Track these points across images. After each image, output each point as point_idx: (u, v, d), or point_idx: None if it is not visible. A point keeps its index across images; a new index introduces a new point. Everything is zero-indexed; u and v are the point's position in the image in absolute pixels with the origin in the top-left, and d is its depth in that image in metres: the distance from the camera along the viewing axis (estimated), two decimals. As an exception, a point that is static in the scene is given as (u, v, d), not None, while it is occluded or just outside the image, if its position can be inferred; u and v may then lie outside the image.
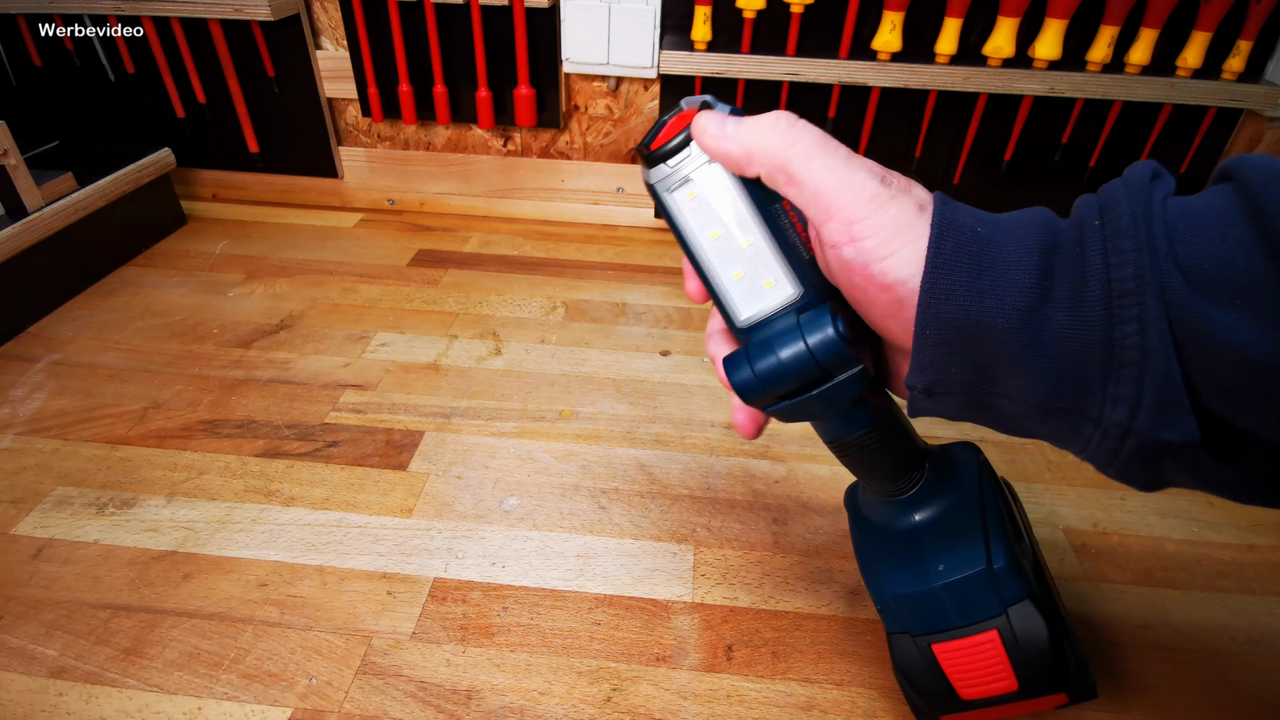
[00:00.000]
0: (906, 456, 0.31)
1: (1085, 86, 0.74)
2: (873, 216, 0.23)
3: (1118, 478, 0.23)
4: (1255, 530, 0.50)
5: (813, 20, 0.76)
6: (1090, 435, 0.22)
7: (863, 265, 0.24)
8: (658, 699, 0.39)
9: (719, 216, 0.26)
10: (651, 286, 0.77)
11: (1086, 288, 0.21)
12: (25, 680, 0.38)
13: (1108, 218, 0.22)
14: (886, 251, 0.23)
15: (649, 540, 0.48)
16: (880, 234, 0.23)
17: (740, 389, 0.27)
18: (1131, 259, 0.20)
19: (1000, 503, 0.32)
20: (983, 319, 0.22)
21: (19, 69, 0.86)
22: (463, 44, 0.81)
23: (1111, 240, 0.21)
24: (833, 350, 0.25)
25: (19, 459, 0.52)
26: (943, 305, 0.22)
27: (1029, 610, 0.29)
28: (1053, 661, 0.29)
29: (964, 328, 0.22)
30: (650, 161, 0.26)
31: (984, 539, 0.30)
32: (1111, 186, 0.23)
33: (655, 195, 0.27)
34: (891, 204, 0.23)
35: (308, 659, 0.40)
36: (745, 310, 0.27)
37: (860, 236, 0.23)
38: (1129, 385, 0.21)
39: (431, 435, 0.56)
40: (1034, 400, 0.23)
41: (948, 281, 0.22)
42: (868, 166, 0.24)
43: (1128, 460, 0.22)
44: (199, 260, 0.80)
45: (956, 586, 0.29)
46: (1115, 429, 0.22)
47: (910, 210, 0.23)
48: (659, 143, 0.26)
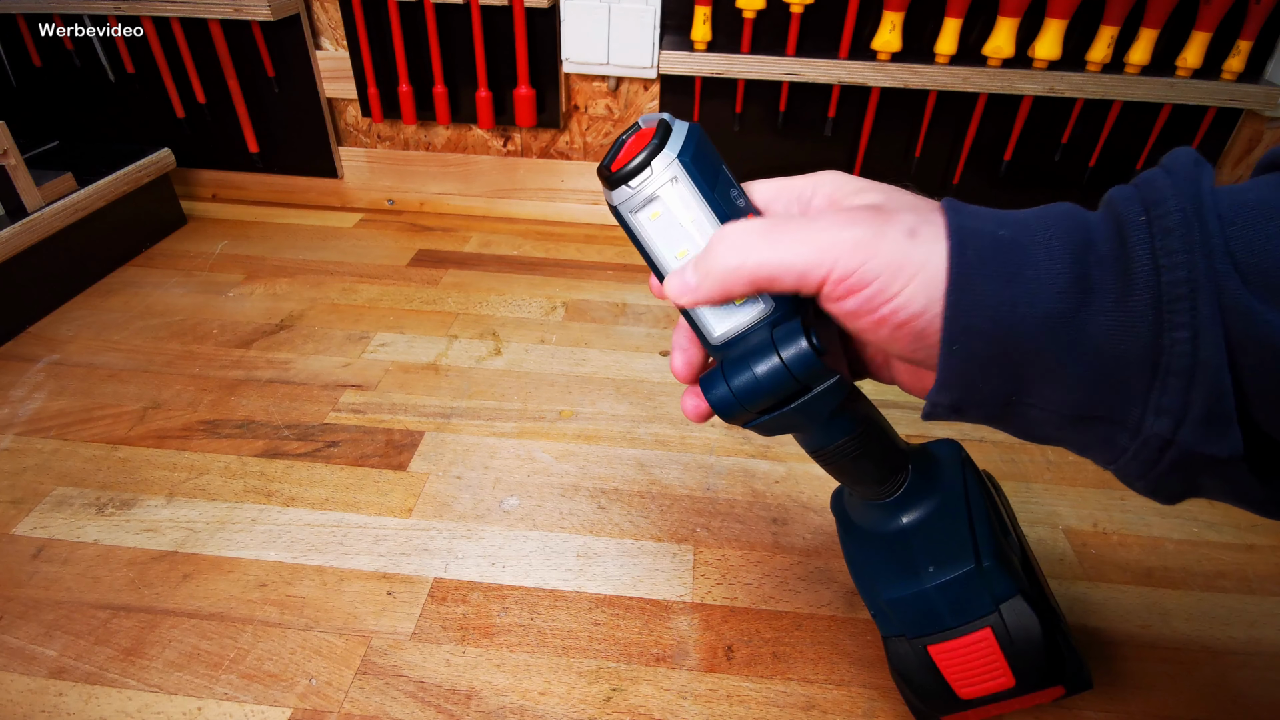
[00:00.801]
0: (889, 460, 0.31)
1: (1085, 86, 0.74)
2: (864, 265, 0.22)
3: (1146, 490, 0.22)
4: (1255, 530, 0.50)
5: (813, 20, 0.76)
6: (1126, 446, 0.21)
7: (870, 312, 0.22)
8: (658, 699, 0.39)
9: (685, 234, 0.26)
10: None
11: (1132, 291, 0.19)
12: (25, 680, 0.38)
13: (1154, 214, 0.20)
14: (891, 293, 0.22)
15: (649, 540, 0.48)
16: (878, 280, 0.22)
17: (718, 407, 0.27)
18: (1183, 260, 0.19)
19: (985, 499, 0.32)
20: (1014, 329, 0.20)
21: (19, 69, 0.86)
22: (463, 44, 0.81)
23: (1160, 239, 0.19)
24: (808, 364, 0.25)
25: (19, 459, 0.52)
26: (970, 319, 0.21)
27: (1020, 605, 0.29)
28: (1048, 655, 0.29)
29: (994, 340, 0.21)
30: (612, 183, 0.26)
31: (971, 537, 0.30)
32: (1153, 177, 0.21)
33: (619, 217, 0.26)
34: (880, 243, 0.22)
35: (308, 659, 0.40)
36: (718, 328, 0.27)
37: (858, 287, 0.22)
38: (1175, 396, 0.19)
39: (431, 435, 0.56)
40: (1067, 409, 0.21)
41: (973, 295, 0.21)
42: (837, 218, 0.23)
43: (1164, 474, 0.21)
44: (199, 260, 0.80)
45: (947, 587, 0.30)
46: (1155, 440, 0.20)
47: (901, 242, 0.22)
48: (619, 164, 0.26)
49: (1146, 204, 0.20)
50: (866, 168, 0.85)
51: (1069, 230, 0.21)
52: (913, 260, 0.22)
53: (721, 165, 0.26)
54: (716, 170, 0.26)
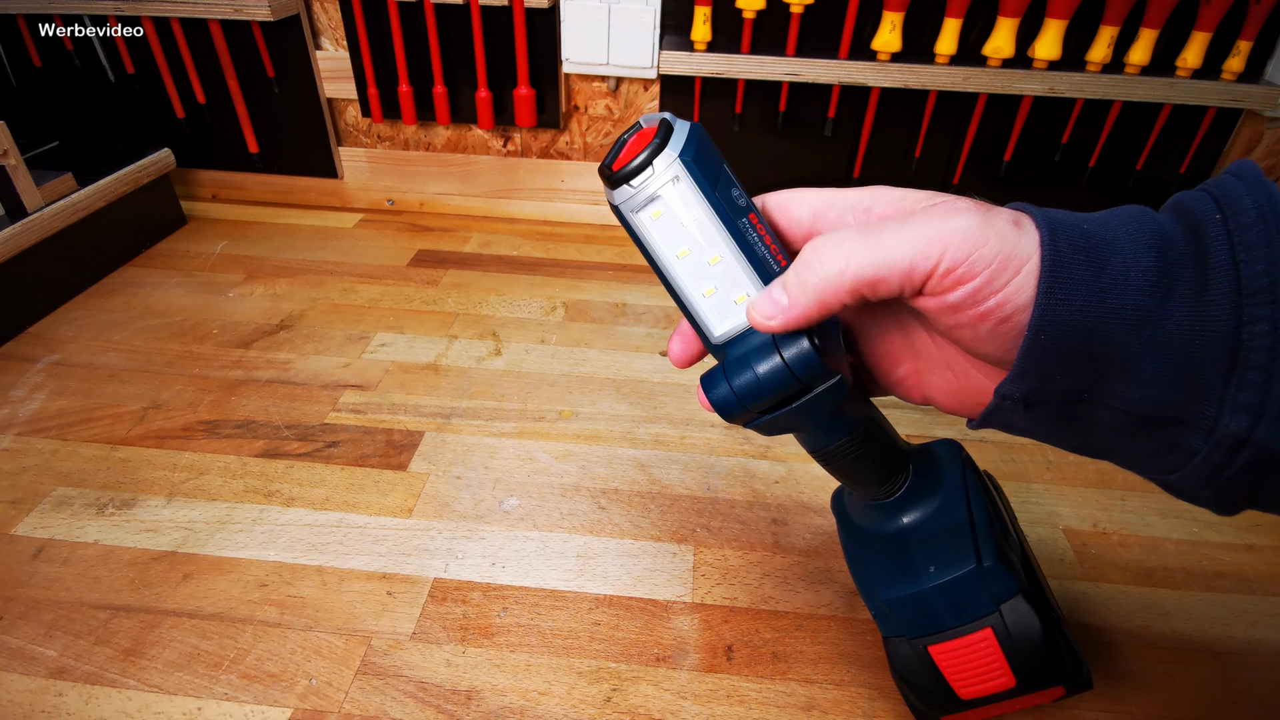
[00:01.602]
0: (890, 460, 0.31)
1: (1085, 87, 0.74)
2: (975, 254, 0.21)
3: (1210, 497, 0.22)
4: (1255, 530, 0.50)
5: (812, 20, 0.76)
6: (1198, 448, 0.21)
7: (975, 305, 0.22)
8: (658, 699, 0.39)
9: (687, 234, 0.26)
10: (651, 287, 0.77)
11: (1210, 285, 0.20)
12: (25, 680, 0.38)
13: (1230, 212, 0.20)
14: (1000, 284, 0.21)
15: (649, 540, 0.48)
16: (990, 267, 0.21)
17: (720, 406, 0.27)
18: (1263, 254, 0.19)
19: (985, 499, 0.32)
20: (1101, 321, 0.20)
21: (19, 69, 0.86)
22: (462, 44, 0.81)
23: (1238, 235, 0.19)
24: (809, 364, 0.25)
25: (19, 459, 0.52)
26: (1062, 308, 0.21)
27: (1021, 606, 0.29)
28: (1048, 655, 0.29)
29: (1080, 330, 0.21)
30: (613, 183, 0.26)
31: (972, 537, 0.30)
32: (1222, 181, 0.21)
33: (620, 216, 0.26)
34: (989, 233, 0.21)
35: (308, 659, 0.40)
36: (719, 327, 0.27)
37: (967, 278, 0.21)
38: (1254, 391, 0.19)
39: (431, 435, 0.56)
40: (1140, 408, 0.21)
41: (1067, 283, 0.20)
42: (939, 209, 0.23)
43: (1234, 477, 0.20)
44: (199, 260, 0.80)
45: (948, 587, 0.30)
46: (1229, 440, 0.20)
47: (1010, 232, 0.21)
48: (621, 163, 0.26)
49: (1221, 203, 0.20)
50: (866, 168, 0.85)
51: (1149, 227, 0.21)
52: (1021, 250, 0.21)
53: (723, 165, 0.26)
54: (718, 170, 0.26)
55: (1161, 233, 0.21)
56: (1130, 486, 0.53)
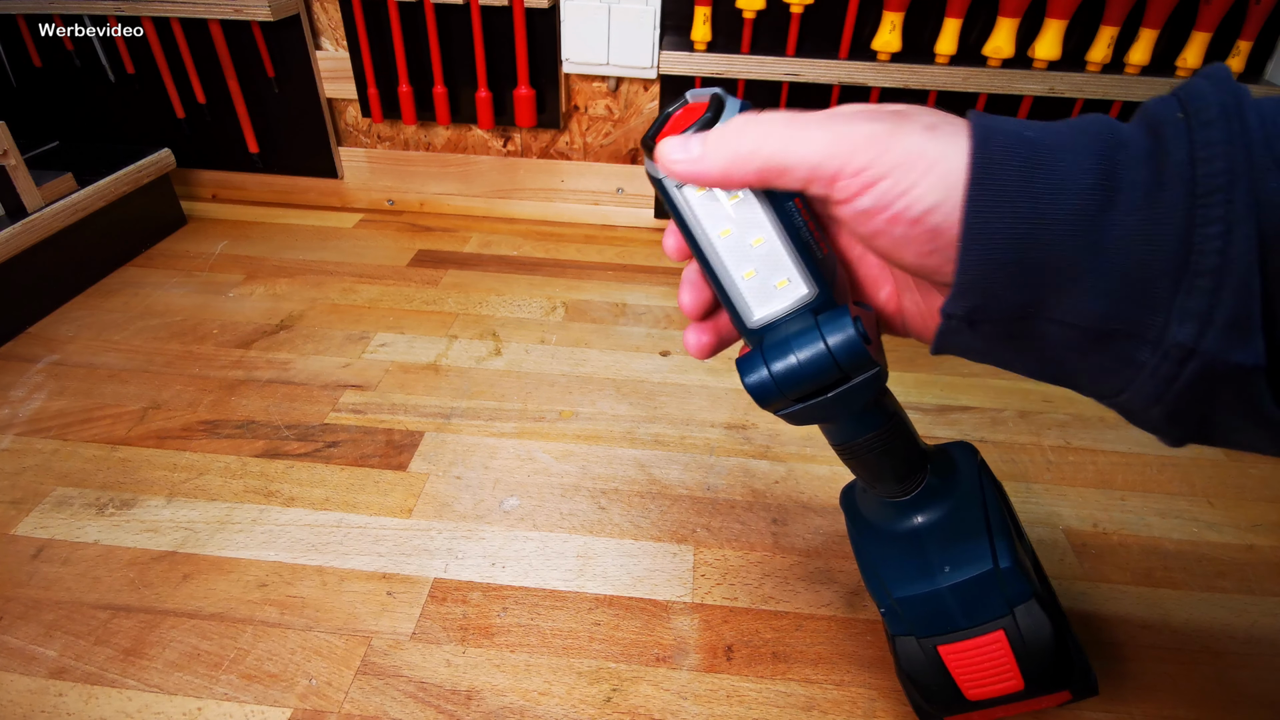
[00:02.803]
0: (911, 459, 0.31)
1: (1085, 87, 0.74)
2: (880, 156, 0.21)
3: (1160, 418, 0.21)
4: (1255, 530, 0.50)
5: (812, 21, 0.76)
6: (1145, 361, 0.20)
7: (884, 207, 0.22)
8: (658, 699, 0.39)
9: (730, 214, 0.26)
10: (651, 287, 0.77)
11: (1164, 187, 0.19)
12: (25, 681, 0.38)
13: (1192, 109, 0.19)
14: (906, 185, 0.21)
15: (649, 540, 0.48)
16: (895, 170, 0.21)
17: (756, 391, 0.27)
18: (1222, 151, 0.18)
19: (1000, 502, 0.32)
20: (1036, 227, 0.20)
21: (19, 69, 0.86)
22: (462, 44, 0.81)
23: (1199, 132, 0.19)
24: (854, 351, 0.25)
25: (19, 459, 0.52)
26: (990, 215, 0.20)
27: (1034, 609, 0.29)
28: (1057, 660, 0.29)
29: (1015, 239, 0.20)
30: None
31: (989, 539, 0.30)
32: (1191, 83, 0.20)
33: (663, 190, 0.26)
34: (897, 136, 0.21)
35: (308, 659, 0.40)
36: (758, 311, 0.27)
37: (873, 181, 0.21)
38: (1201, 298, 0.18)
39: (431, 435, 0.56)
40: (1086, 321, 0.20)
41: (996, 188, 0.20)
42: (852, 113, 0.23)
43: (1181, 392, 0.20)
44: (199, 260, 0.80)
45: (963, 587, 0.29)
46: (1176, 351, 0.19)
47: (919, 135, 0.21)
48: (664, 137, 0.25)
49: (1184, 101, 0.20)
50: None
51: (1099, 132, 0.20)
52: (929, 153, 0.21)
53: None
54: None
55: (1115, 138, 0.20)
56: (1130, 486, 0.53)
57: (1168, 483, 0.54)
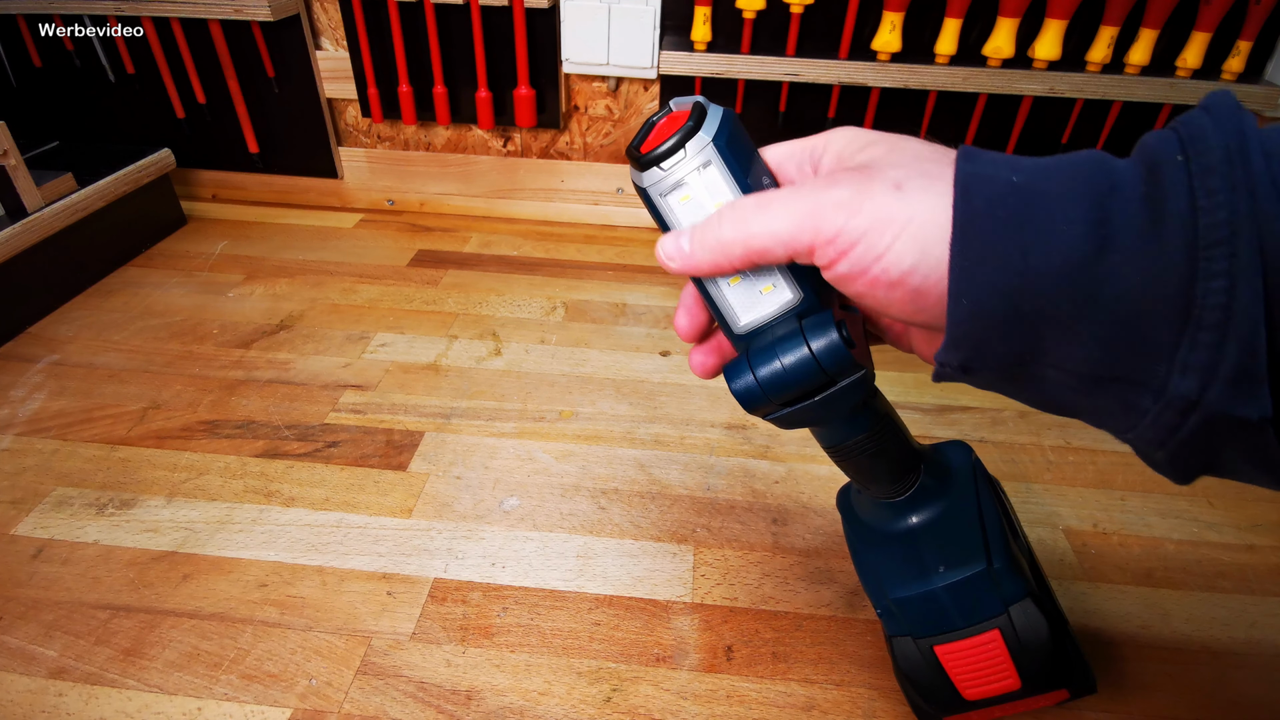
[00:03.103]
0: (903, 459, 0.31)
1: (1085, 87, 0.74)
2: (849, 221, 0.21)
3: (1164, 461, 0.20)
4: (1255, 531, 0.50)
5: (812, 21, 0.76)
6: (1147, 409, 0.19)
7: (862, 272, 0.22)
8: (658, 699, 0.39)
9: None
10: (651, 287, 0.78)
11: (1163, 235, 0.18)
12: (25, 681, 0.38)
13: (1193, 151, 0.18)
14: (880, 249, 0.21)
15: (649, 540, 0.48)
16: (865, 235, 0.21)
17: (742, 396, 0.27)
18: (1224, 201, 0.17)
19: (995, 501, 0.32)
20: (1026, 280, 0.19)
21: (19, 69, 0.86)
22: (462, 44, 0.81)
23: (1199, 179, 0.18)
24: (838, 356, 0.25)
25: (19, 459, 0.52)
26: (977, 270, 0.20)
27: (1030, 608, 0.29)
28: (1054, 658, 0.29)
29: (1006, 292, 0.19)
30: (642, 165, 0.26)
31: (982, 538, 0.30)
32: (1191, 117, 0.19)
33: (646, 199, 0.26)
34: (863, 199, 0.21)
35: (308, 659, 0.40)
36: (744, 316, 0.27)
37: (846, 248, 0.22)
38: (1205, 352, 0.18)
39: (431, 435, 0.56)
40: (1084, 368, 0.20)
41: (980, 243, 0.19)
42: (821, 181, 0.23)
43: (1185, 441, 0.19)
44: (199, 260, 0.80)
45: (958, 587, 0.29)
46: (1179, 402, 0.18)
47: (886, 196, 0.21)
48: (650, 145, 0.25)
49: (1185, 142, 0.19)
50: (866, 168, 0.85)
51: (1092, 173, 0.20)
52: (897, 215, 0.21)
53: (755, 152, 0.26)
54: (750, 156, 0.26)
55: (1110, 179, 0.19)
56: (1130, 486, 0.53)
57: (1168, 483, 0.53)
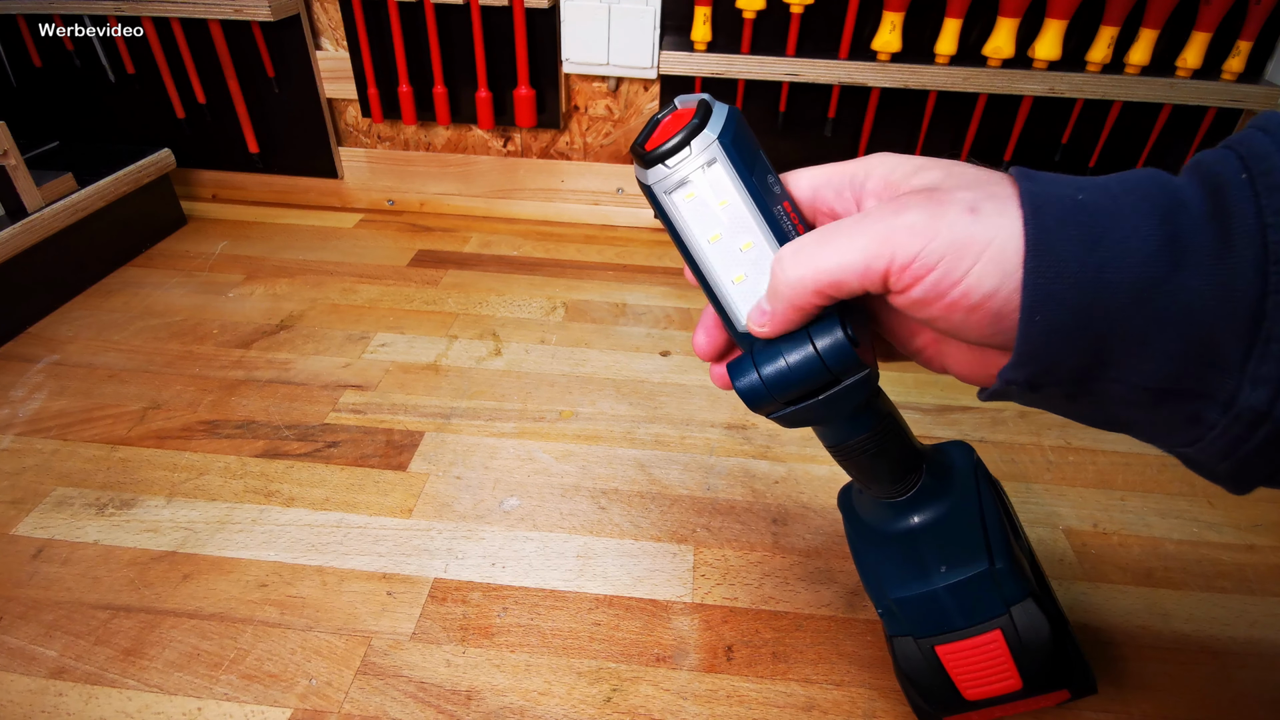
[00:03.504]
0: (906, 459, 0.31)
1: (1085, 87, 0.74)
2: (927, 246, 0.21)
3: (1227, 473, 0.21)
4: (1255, 531, 0.50)
5: (813, 21, 0.76)
6: (1214, 422, 0.20)
7: (939, 296, 0.21)
8: (658, 699, 0.39)
9: (719, 218, 0.26)
10: (651, 287, 0.78)
11: (1232, 252, 0.18)
12: (25, 681, 0.38)
13: (1257, 171, 0.19)
14: (958, 274, 0.21)
15: (649, 540, 0.48)
16: (943, 262, 0.21)
17: (746, 395, 0.27)
18: None
19: (997, 502, 0.32)
20: (1100, 297, 0.19)
21: (19, 69, 0.86)
22: (462, 44, 0.81)
23: (1266, 197, 0.18)
24: (842, 355, 0.25)
25: (19, 459, 0.52)
26: (1053, 287, 0.20)
27: (1031, 608, 0.29)
28: (1055, 659, 0.29)
29: (1079, 310, 0.20)
30: (647, 162, 0.26)
31: (984, 539, 0.30)
32: (1249, 137, 0.20)
33: (651, 196, 0.26)
34: (939, 222, 0.21)
35: (308, 659, 0.40)
36: (747, 314, 0.27)
37: (923, 272, 0.21)
38: (1277, 364, 0.18)
39: (431, 435, 0.56)
40: (1151, 382, 0.20)
41: (1055, 260, 0.20)
42: (889, 206, 0.23)
43: (1251, 453, 0.19)
44: (199, 261, 0.80)
45: (959, 587, 0.29)
46: (1248, 415, 0.19)
47: (963, 219, 0.21)
48: (655, 143, 0.25)
49: (1247, 161, 0.19)
50: (866, 168, 0.85)
51: (1154, 193, 0.20)
52: (977, 237, 0.21)
53: (759, 150, 0.26)
54: (755, 155, 0.26)
55: (1174, 198, 0.20)
56: (1130, 486, 0.53)
57: (1168, 483, 0.54)
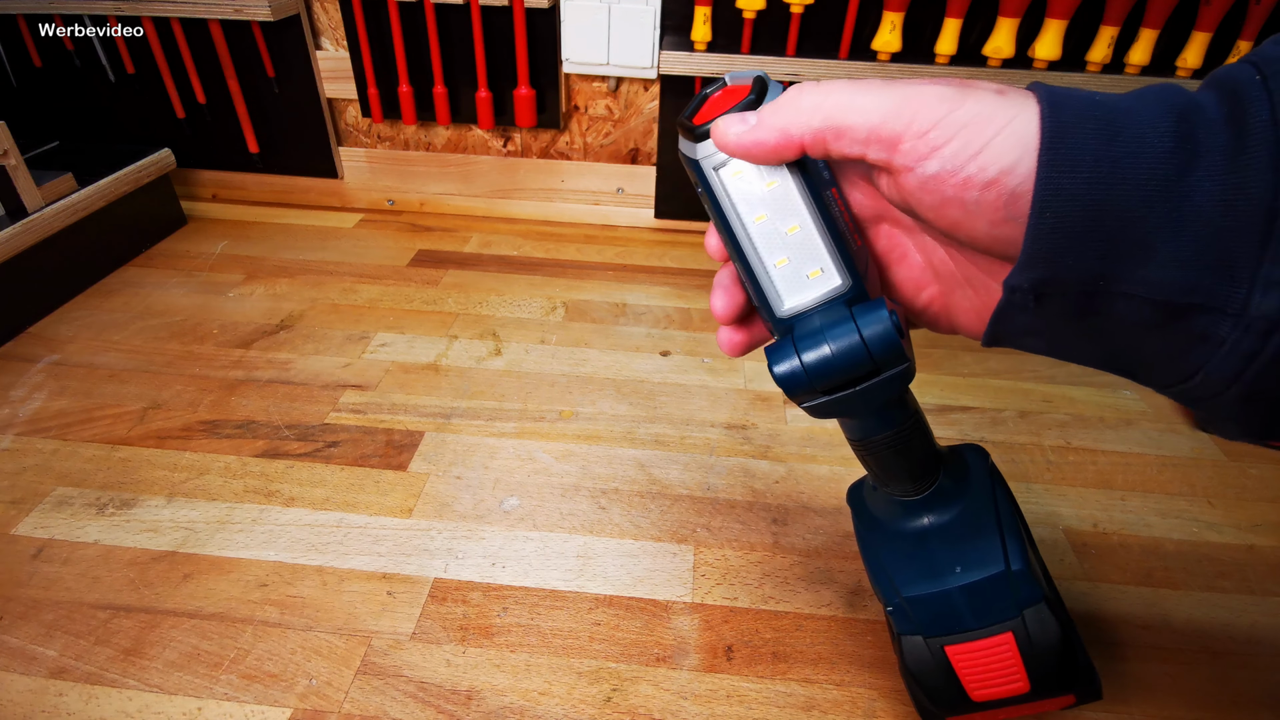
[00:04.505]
0: (926, 458, 0.31)
1: (1085, 87, 0.74)
2: (947, 117, 0.21)
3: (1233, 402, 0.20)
4: (1255, 530, 0.50)
5: (813, 21, 0.76)
6: (1225, 336, 0.19)
7: (953, 171, 0.21)
8: (658, 699, 0.39)
9: (766, 199, 0.25)
10: (651, 287, 0.78)
11: (1245, 150, 0.18)
12: (25, 680, 0.38)
13: (1270, 71, 0.18)
14: (978, 145, 0.20)
15: (649, 540, 0.48)
16: (964, 131, 0.20)
17: (785, 381, 0.26)
18: None
19: (1011, 505, 0.32)
20: (1114, 192, 0.19)
21: (19, 69, 0.86)
22: (463, 44, 0.81)
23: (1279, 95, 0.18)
24: (889, 344, 0.24)
25: (19, 459, 0.52)
26: (1066, 180, 0.19)
27: (1044, 612, 0.29)
28: (1064, 663, 0.29)
29: (1092, 205, 0.19)
30: (696, 136, 0.25)
31: (1001, 541, 0.30)
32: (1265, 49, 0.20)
33: (698, 171, 0.26)
34: (965, 98, 0.21)
35: (308, 659, 0.40)
36: (788, 300, 0.26)
37: (940, 143, 0.21)
38: None
39: (431, 435, 0.56)
40: (1162, 293, 0.19)
41: (1071, 151, 0.19)
42: (917, 81, 0.22)
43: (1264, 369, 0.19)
44: (199, 260, 0.80)
45: (974, 588, 0.29)
46: (1261, 323, 0.18)
47: (989, 97, 0.20)
48: (705, 118, 0.25)
49: (1258, 65, 0.19)
50: (866, 168, 0.85)
51: (1170, 97, 0.20)
52: (999, 113, 0.20)
53: None
54: None
55: (1188, 102, 0.19)
56: (1130, 486, 0.53)
57: (1168, 483, 0.54)
